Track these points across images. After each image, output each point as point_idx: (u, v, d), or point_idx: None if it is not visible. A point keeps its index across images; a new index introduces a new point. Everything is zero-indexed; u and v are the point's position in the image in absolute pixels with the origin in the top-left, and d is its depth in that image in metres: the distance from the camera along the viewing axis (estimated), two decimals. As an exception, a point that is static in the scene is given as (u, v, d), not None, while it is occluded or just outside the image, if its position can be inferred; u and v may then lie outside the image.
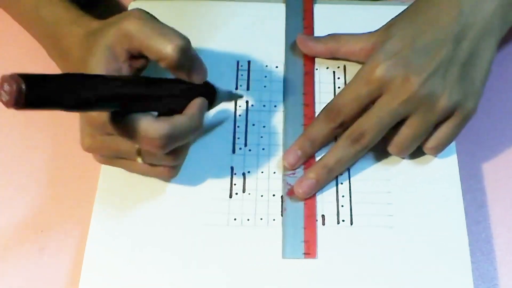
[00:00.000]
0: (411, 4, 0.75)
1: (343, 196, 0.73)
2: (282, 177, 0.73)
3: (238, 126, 0.77)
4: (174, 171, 0.72)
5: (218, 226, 0.71)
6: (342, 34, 0.79)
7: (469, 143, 0.72)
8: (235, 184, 0.74)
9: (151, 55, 0.67)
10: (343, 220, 0.72)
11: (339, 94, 0.73)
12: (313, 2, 0.84)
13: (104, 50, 0.67)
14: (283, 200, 0.72)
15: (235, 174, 0.74)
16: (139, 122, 0.65)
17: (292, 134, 0.75)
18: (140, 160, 0.69)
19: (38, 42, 0.78)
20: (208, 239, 0.70)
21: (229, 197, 0.73)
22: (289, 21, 0.83)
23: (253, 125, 0.77)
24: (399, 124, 0.72)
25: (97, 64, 0.66)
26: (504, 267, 0.72)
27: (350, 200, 0.73)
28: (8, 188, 0.76)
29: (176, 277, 0.68)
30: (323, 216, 0.72)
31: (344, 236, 0.71)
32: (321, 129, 0.73)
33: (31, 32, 0.79)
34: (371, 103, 0.72)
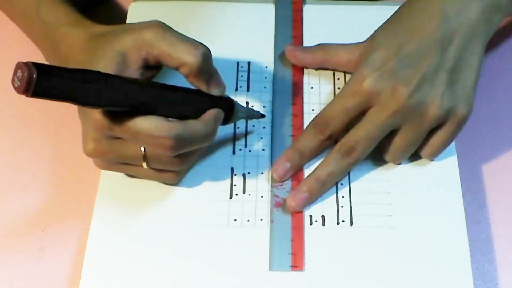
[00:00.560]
0: (394, 13, 0.75)
1: (343, 197, 0.73)
2: (269, 188, 0.73)
3: (238, 127, 0.77)
4: (178, 176, 0.72)
5: (218, 226, 0.71)
6: (330, 44, 0.79)
7: (469, 143, 0.72)
8: (235, 185, 0.74)
9: (172, 62, 0.67)
10: (343, 221, 0.72)
11: (327, 106, 0.73)
12: (302, 13, 0.84)
13: (116, 55, 0.67)
14: (270, 212, 0.72)
15: (235, 175, 0.74)
16: (150, 121, 0.65)
17: (280, 145, 0.75)
18: (146, 165, 0.69)
19: (36, 45, 0.78)
20: (208, 239, 0.70)
21: (229, 198, 0.73)
22: (278, 30, 0.83)
23: (253, 126, 0.77)
24: (392, 133, 0.72)
25: (105, 67, 0.66)
26: (504, 267, 0.72)
27: (350, 200, 0.73)
28: (8, 188, 0.76)
29: (176, 278, 0.68)
30: (323, 216, 0.72)
31: (344, 236, 0.71)
32: (309, 141, 0.73)
33: (30, 34, 0.79)
34: (360, 114, 0.72)
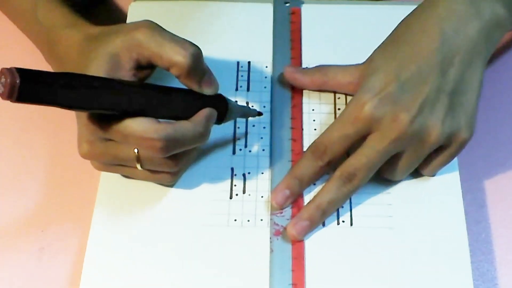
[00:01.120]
0: (391, 33, 0.74)
1: (343, 197, 0.73)
2: (269, 216, 0.72)
3: (238, 127, 0.77)
4: (174, 177, 0.72)
5: (219, 227, 0.71)
6: (329, 66, 0.78)
7: (469, 143, 0.72)
8: (235, 185, 0.74)
9: (162, 62, 0.67)
10: (343, 221, 0.72)
11: (326, 131, 0.72)
12: (300, 34, 0.83)
13: (108, 56, 0.67)
14: (270, 241, 0.71)
15: (235, 175, 0.74)
16: (139, 123, 0.65)
17: (279, 170, 0.74)
18: (140, 167, 0.68)
19: (35, 45, 0.79)
20: (208, 240, 0.70)
21: (230, 198, 0.73)
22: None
23: (253, 126, 0.77)
24: (392, 156, 0.71)
25: (97, 69, 0.66)
26: (504, 267, 0.72)
27: (350, 201, 0.72)
28: (8, 188, 0.76)
29: (176, 278, 0.68)
30: (323, 217, 0.72)
31: (344, 237, 0.71)
32: (308, 167, 0.72)
33: (28, 35, 0.79)
34: (360, 139, 0.70)
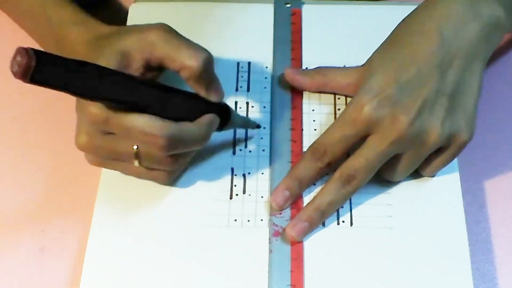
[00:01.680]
0: (390, 35, 0.74)
1: (343, 197, 0.73)
2: (268, 217, 0.72)
3: (239, 128, 0.77)
4: (169, 177, 0.72)
5: (219, 227, 0.71)
6: (329, 68, 0.78)
7: (469, 143, 0.72)
8: (235, 185, 0.74)
9: (174, 64, 0.68)
10: (343, 221, 0.72)
11: (325, 132, 0.72)
12: (301, 35, 0.83)
13: (118, 53, 0.67)
14: (269, 242, 0.71)
15: (235, 175, 0.74)
16: (145, 119, 0.65)
17: (279, 171, 0.74)
18: (137, 163, 0.68)
19: (40, 45, 0.79)
20: (208, 240, 0.70)
21: (230, 198, 0.73)
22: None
23: (254, 126, 0.77)
24: (392, 157, 0.71)
25: (106, 64, 0.66)
26: (504, 267, 0.72)
27: (350, 201, 0.72)
28: (8, 188, 0.76)
29: (176, 277, 0.68)
30: (323, 217, 0.72)
31: (344, 237, 0.71)
32: (308, 168, 0.72)
33: (33, 33, 0.79)
34: (359, 141, 0.70)
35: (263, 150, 0.76)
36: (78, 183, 0.76)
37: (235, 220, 0.72)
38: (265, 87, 0.80)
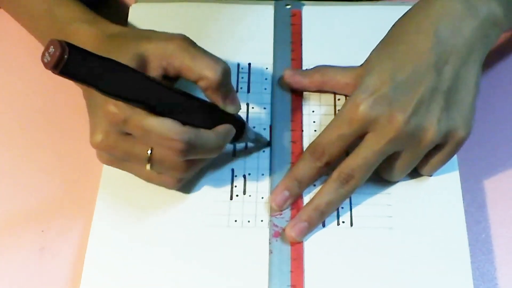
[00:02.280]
0: (387, 34, 0.74)
1: (343, 198, 0.73)
2: (268, 218, 0.72)
3: (239, 128, 0.77)
4: (178, 184, 0.72)
5: (219, 227, 0.71)
6: (328, 67, 0.79)
7: (468, 143, 0.72)
8: (235, 186, 0.74)
9: (191, 75, 0.68)
10: (343, 222, 0.72)
11: (323, 132, 0.72)
12: (301, 36, 0.84)
13: (136, 57, 0.68)
14: (269, 243, 0.71)
15: (235, 176, 0.74)
16: (165, 122, 0.66)
17: (279, 172, 0.74)
18: (149, 167, 0.68)
19: (41, 42, 0.79)
20: (208, 240, 0.70)
21: (230, 199, 0.73)
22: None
23: (254, 127, 0.77)
24: (389, 155, 0.71)
25: None
26: (504, 267, 0.71)
27: (350, 201, 0.73)
28: (8, 188, 0.76)
29: (176, 278, 0.69)
30: (323, 217, 0.72)
31: (344, 237, 0.71)
32: (307, 168, 0.72)
33: (36, 32, 0.79)
34: (357, 139, 0.71)
35: (263, 151, 0.76)
36: (79, 183, 0.76)
37: (235, 221, 0.72)
38: (265, 88, 0.80)
